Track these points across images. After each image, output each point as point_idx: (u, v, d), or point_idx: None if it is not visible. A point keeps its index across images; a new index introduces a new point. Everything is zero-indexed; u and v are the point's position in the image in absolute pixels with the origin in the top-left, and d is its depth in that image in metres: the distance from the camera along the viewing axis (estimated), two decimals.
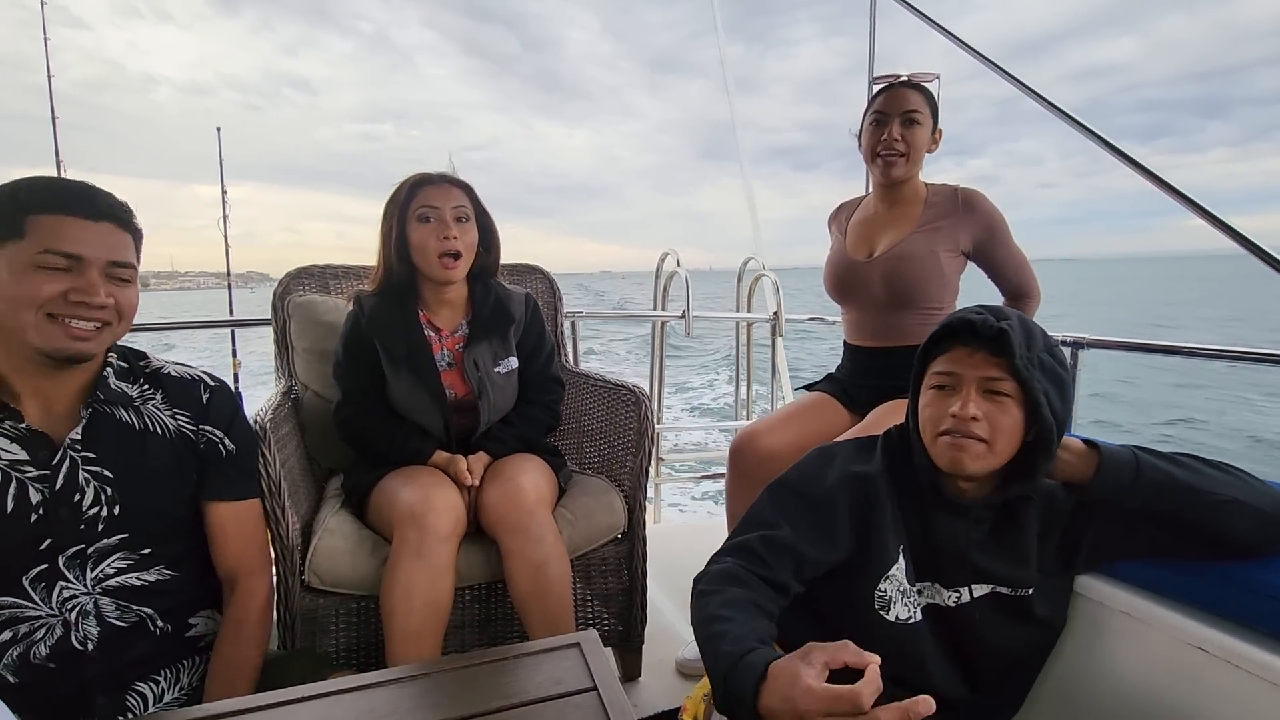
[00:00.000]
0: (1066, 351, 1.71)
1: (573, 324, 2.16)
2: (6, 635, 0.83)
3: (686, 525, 2.96)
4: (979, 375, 0.86)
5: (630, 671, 1.53)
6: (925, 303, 1.48)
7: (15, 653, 0.84)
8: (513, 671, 0.73)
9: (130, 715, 0.88)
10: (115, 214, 0.87)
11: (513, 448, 1.44)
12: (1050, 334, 0.93)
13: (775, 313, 2.58)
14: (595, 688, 0.68)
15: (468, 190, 1.41)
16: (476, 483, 1.34)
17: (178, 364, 1.02)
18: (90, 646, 0.87)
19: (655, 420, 1.52)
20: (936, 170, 1.62)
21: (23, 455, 0.84)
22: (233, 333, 2.67)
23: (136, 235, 0.90)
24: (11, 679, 0.84)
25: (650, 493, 1.78)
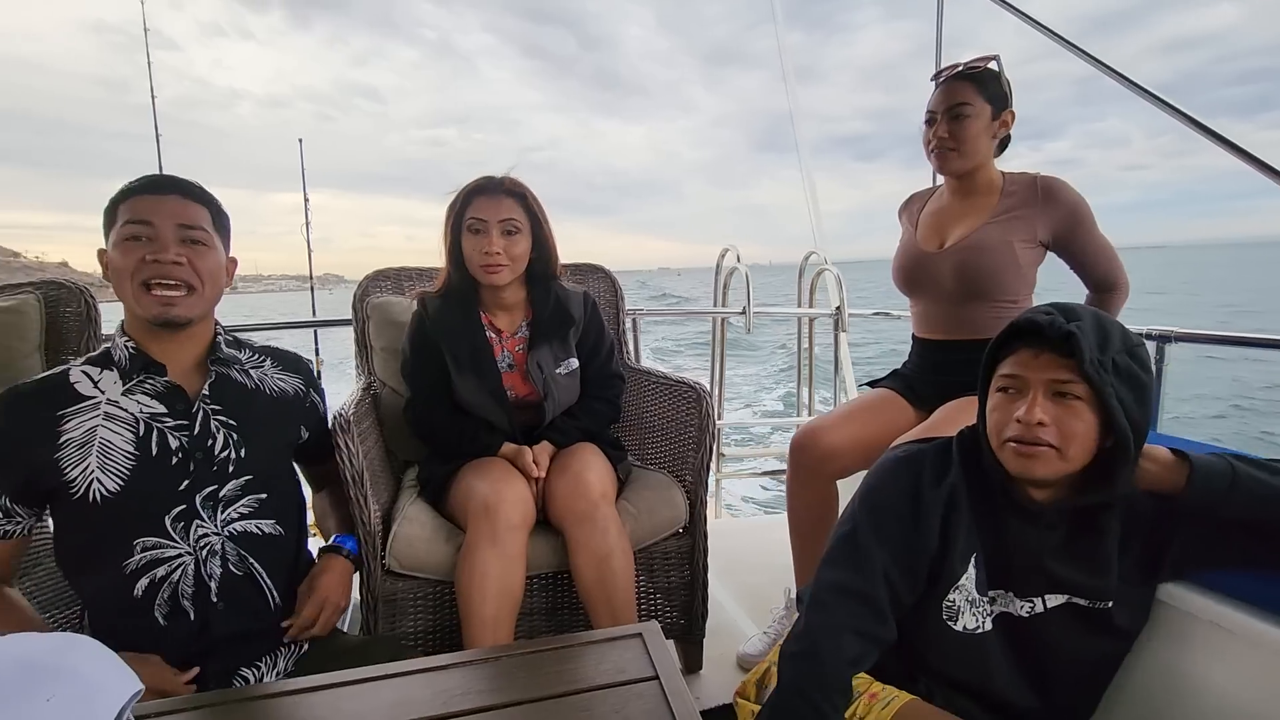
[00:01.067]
0: (1151, 346, 1.63)
1: (634, 321, 2.19)
2: (147, 581, 0.94)
3: (747, 522, 2.95)
4: (1046, 378, 0.83)
5: (691, 664, 1.56)
6: (999, 295, 1.43)
7: (165, 594, 0.95)
8: (577, 659, 0.76)
9: (235, 684, 0.97)
10: (181, 187, 0.99)
11: (575, 438, 1.49)
12: (1133, 330, 0.87)
13: (838, 307, 2.54)
14: (657, 677, 0.71)
15: (520, 199, 1.43)
16: (543, 474, 1.39)
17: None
18: (214, 588, 0.97)
19: (716, 417, 1.53)
20: (1011, 155, 1.56)
21: (162, 409, 0.97)
22: (315, 332, 2.83)
23: (212, 207, 1.01)
24: (162, 621, 0.95)
25: (710, 488, 1.79)
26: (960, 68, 1.45)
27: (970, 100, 1.41)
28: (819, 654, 0.82)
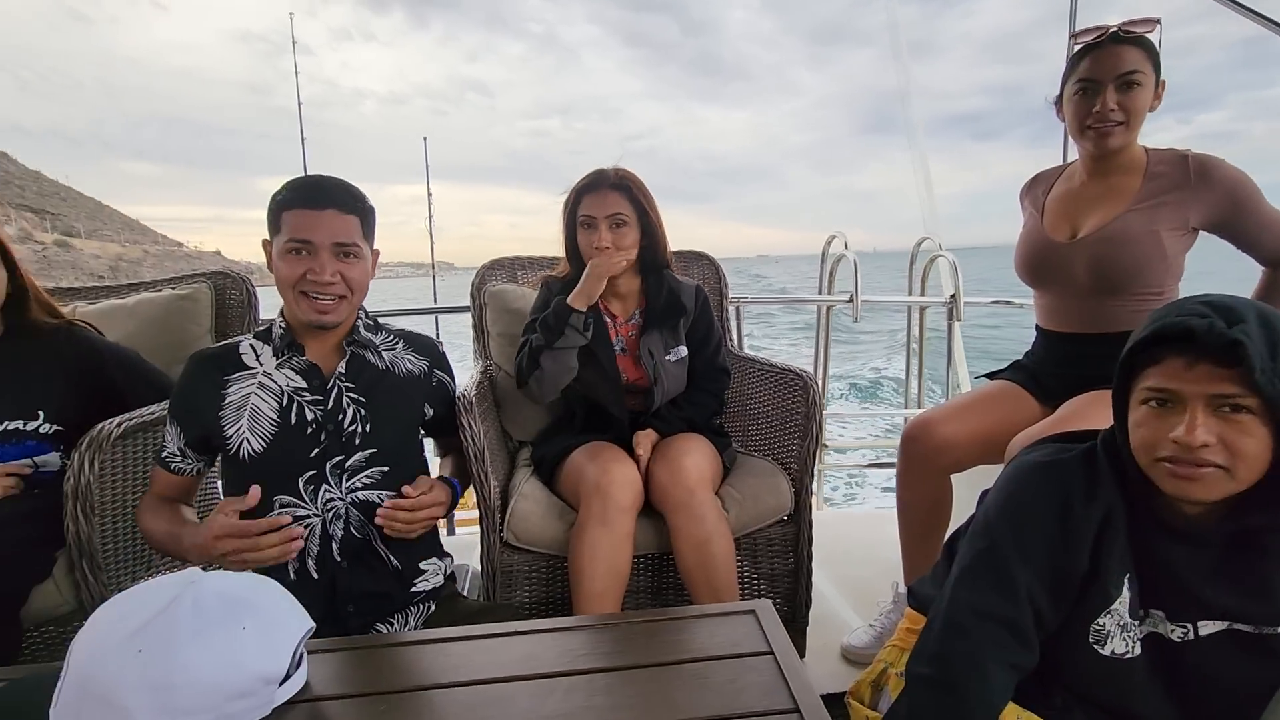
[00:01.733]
0: None
1: (737, 309, 2.19)
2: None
3: (850, 513, 2.89)
4: (1206, 392, 0.71)
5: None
6: (1141, 288, 1.30)
7: (312, 552, 1.06)
8: (691, 630, 0.79)
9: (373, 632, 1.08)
10: (337, 200, 1.06)
11: (679, 428, 1.52)
12: None
13: (952, 296, 2.42)
14: (772, 652, 0.73)
15: (626, 191, 1.48)
16: (645, 459, 1.43)
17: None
18: (336, 549, 1.07)
19: (822, 405, 1.51)
20: (1155, 129, 1.41)
21: (302, 384, 1.09)
22: (436, 318, 3.02)
23: (364, 215, 1.09)
24: (292, 575, 1.06)
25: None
26: (1116, 29, 1.29)
27: (1141, 68, 1.26)
28: (960, 688, 0.76)
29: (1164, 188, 1.29)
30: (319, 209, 1.04)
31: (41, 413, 1.32)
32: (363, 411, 1.10)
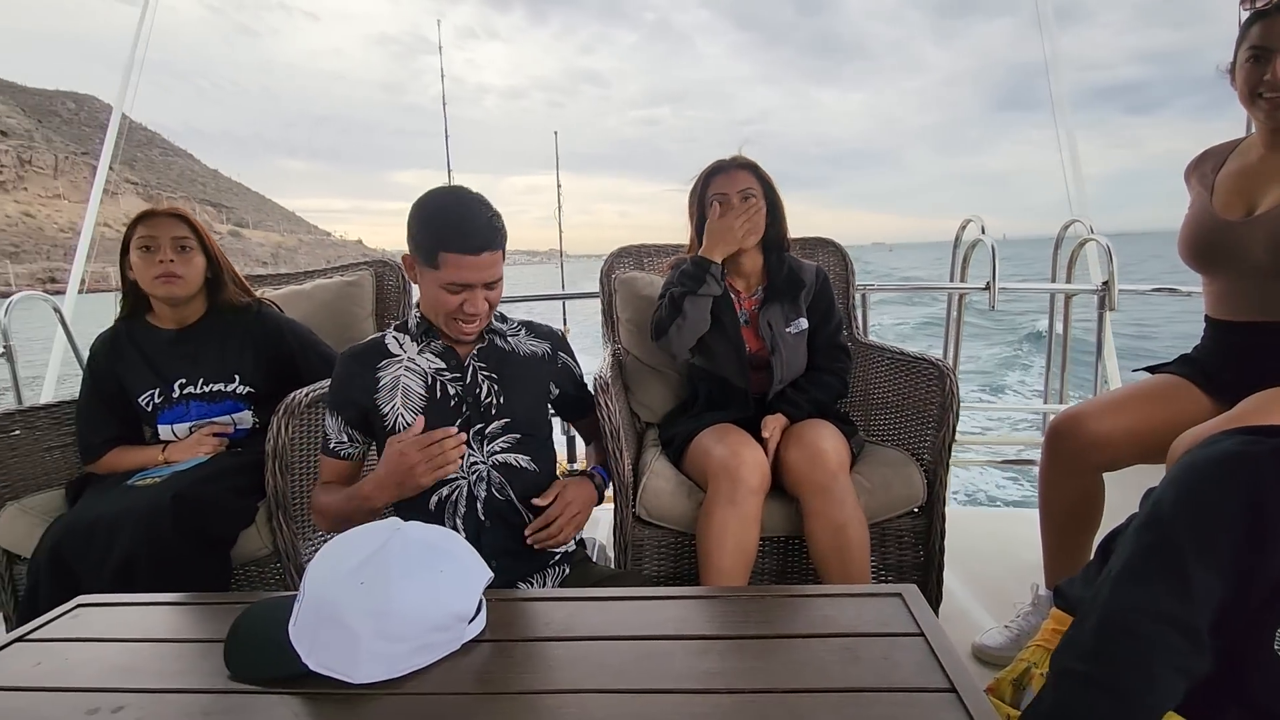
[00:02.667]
0: None
1: (863, 297, 2.14)
2: (438, 495, 1.17)
3: (982, 511, 2.76)
4: None
5: None
6: None
7: (448, 511, 1.17)
8: (838, 607, 0.81)
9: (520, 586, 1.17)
10: (490, 242, 1.12)
11: (807, 411, 1.54)
12: None
13: (1105, 283, 2.24)
14: (922, 633, 0.73)
15: (754, 171, 1.59)
16: (774, 440, 1.46)
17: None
18: (480, 508, 1.17)
19: (959, 396, 1.46)
20: None
21: (442, 365, 1.21)
22: (563, 304, 3.16)
23: (503, 244, 1.17)
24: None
25: None
26: None
27: None
28: (1123, 690, 0.73)
29: None
30: (477, 254, 1.10)
31: (237, 376, 1.56)
32: (496, 386, 1.21)
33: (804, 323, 1.62)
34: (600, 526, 2.18)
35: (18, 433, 1.58)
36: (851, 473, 1.46)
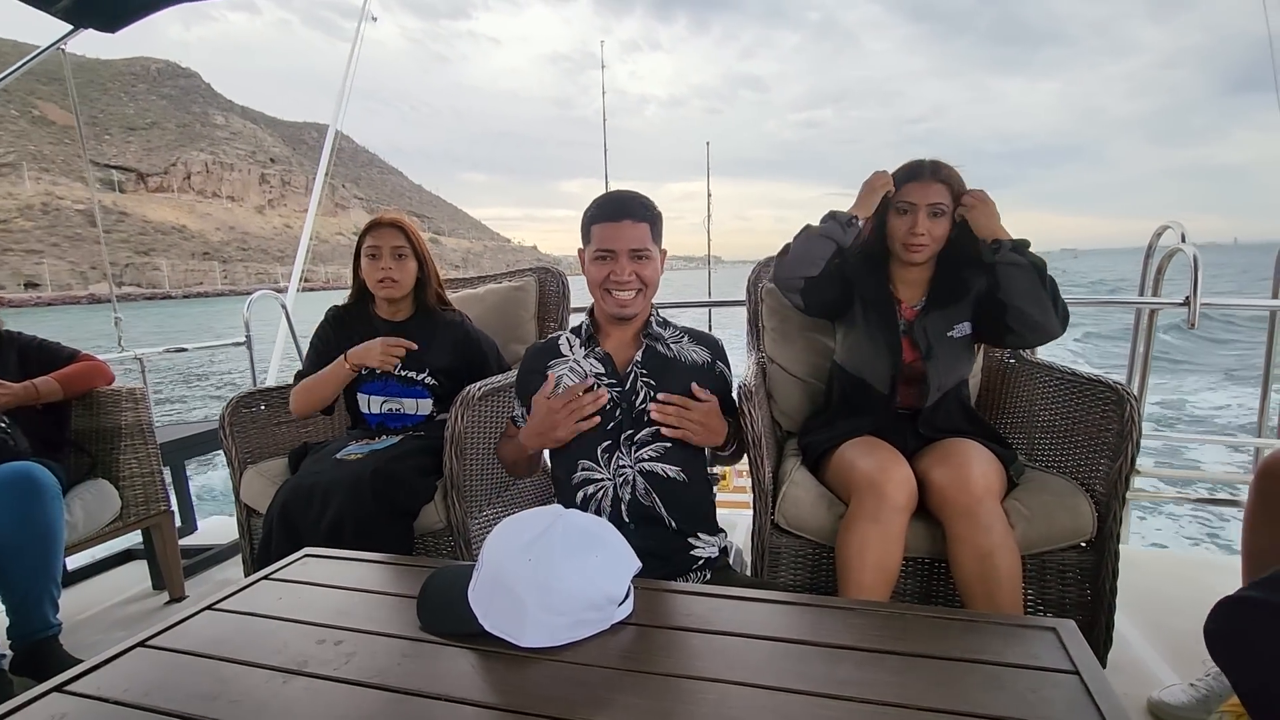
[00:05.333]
0: None
1: None
2: (583, 492, 1.26)
3: (1164, 554, 2.45)
4: None
5: None
6: None
7: (592, 508, 1.25)
8: (983, 633, 0.79)
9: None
10: (632, 212, 1.25)
11: (1040, 269, 1.42)
12: None
13: None
14: (1078, 672, 0.70)
15: (948, 185, 1.53)
16: None
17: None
18: (624, 510, 1.23)
19: (1140, 424, 1.33)
20: None
21: (601, 369, 1.31)
22: (709, 311, 3.22)
23: (654, 221, 1.28)
24: None
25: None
26: None
27: None
28: None
29: None
30: (618, 221, 1.25)
31: (428, 369, 1.78)
32: (652, 393, 1.27)
33: (968, 327, 1.55)
34: (738, 532, 2.21)
35: (258, 409, 1.91)
36: (1008, 499, 1.39)
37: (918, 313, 1.58)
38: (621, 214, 1.25)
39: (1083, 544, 1.37)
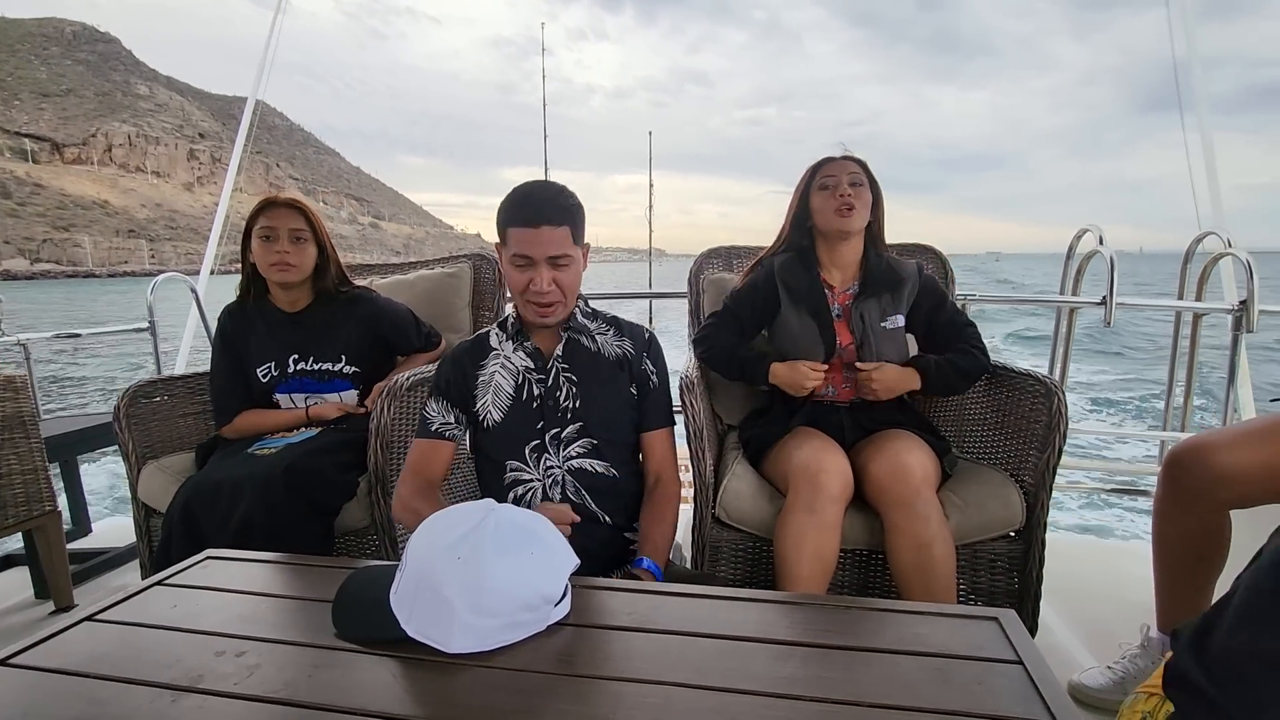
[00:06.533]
0: None
1: (963, 306, 2.05)
2: (513, 493, 1.22)
3: (1084, 542, 2.58)
4: None
5: None
6: None
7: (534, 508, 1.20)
8: (928, 625, 0.78)
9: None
10: (550, 217, 1.14)
11: (946, 374, 1.51)
12: None
13: (1242, 303, 2.04)
14: (1021, 661, 0.70)
15: (860, 162, 1.61)
16: (871, 379, 1.51)
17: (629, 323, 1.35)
18: None
19: (1067, 416, 1.37)
20: None
21: (531, 364, 1.25)
22: (650, 303, 3.19)
23: (574, 221, 1.17)
24: None
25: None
26: None
27: None
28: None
29: None
30: (535, 227, 1.13)
31: (344, 357, 1.67)
32: (574, 390, 1.22)
33: (900, 319, 1.59)
34: (679, 526, 2.18)
35: (160, 399, 1.75)
36: (942, 490, 1.41)
37: (853, 298, 1.60)
38: (539, 219, 1.13)
39: (1012, 533, 1.40)
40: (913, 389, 1.52)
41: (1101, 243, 2.12)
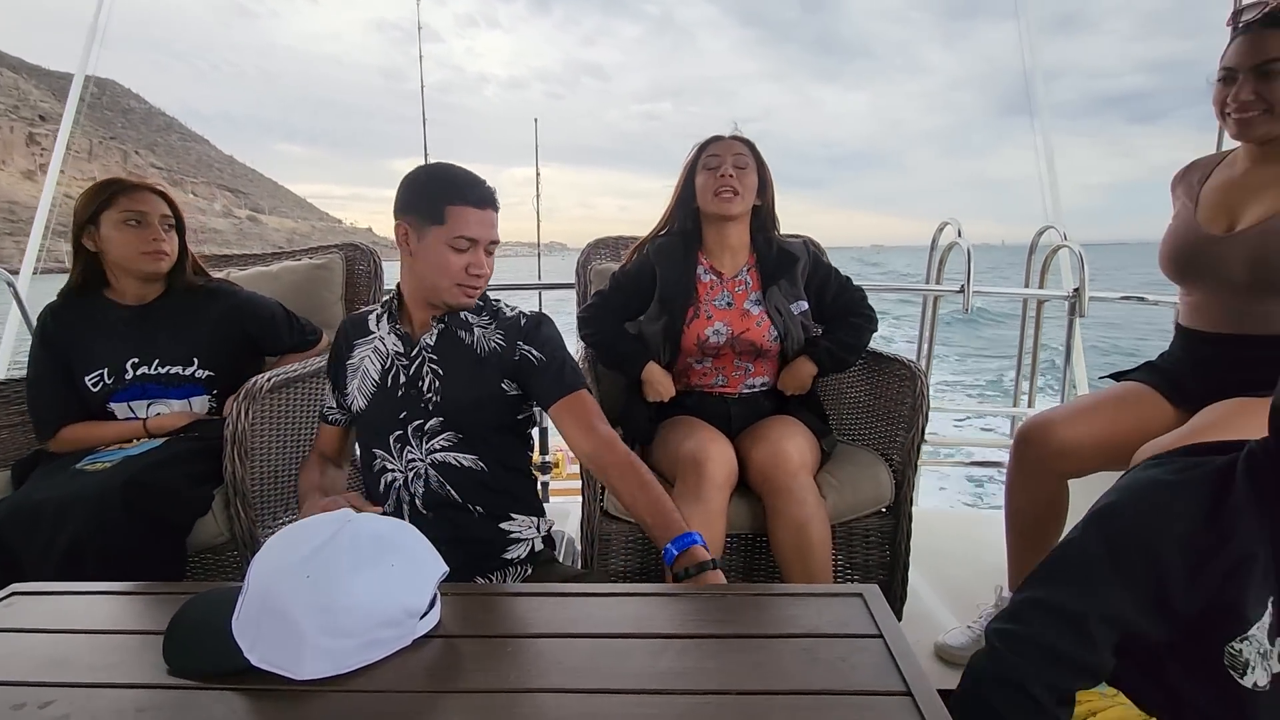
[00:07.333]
0: None
1: None
2: (382, 484, 1.17)
3: (948, 513, 2.79)
4: None
5: None
6: None
7: (392, 497, 1.16)
8: (799, 606, 0.80)
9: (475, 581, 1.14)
10: (492, 200, 1.14)
11: (837, 357, 1.54)
12: None
13: (1075, 290, 2.27)
14: (882, 636, 0.73)
15: (748, 143, 1.58)
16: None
17: (512, 308, 1.25)
18: (419, 503, 1.14)
19: (929, 397, 1.47)
20: None
21: (401, 349, 1.18)
22: (540, 294, 3.12)
23: (496, 211, 1.16)
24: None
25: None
26: (1271, 6, 1.18)
27: None
28: (1000, 658, 0.75)
29: None
30: (484, 209, 1.11)
31: (196, 359, 1.51)
32: (438, 383, 1.15)
33: (805, 304, 1.58)
34: (571, 521, 2.16)
35: None
36: (821, 472, 1.47)
37: (743, 284, 1.58)
38: (490, 202, 1.12)
39: (883, 509, 1.48)
40: (812, 374, 1.55)
41: (960, 235, 2.29)
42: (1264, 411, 0.75)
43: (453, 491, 1.15)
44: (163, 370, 1.48)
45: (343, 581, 0.68)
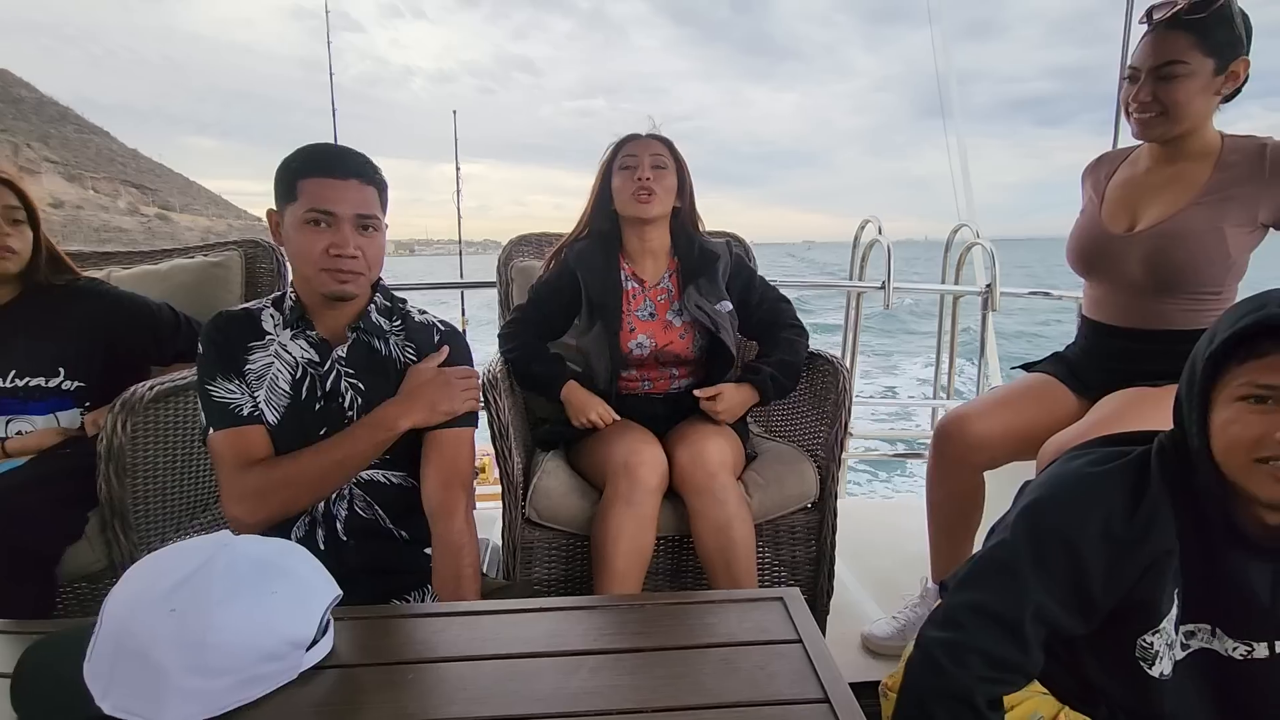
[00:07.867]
0: None
1: None
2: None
3: (874, 504, 2.86)
4: None
5: None
6: (1198, 288, 1.24)
7: (305, 520, 1.06)
8: (718, 614, 0.78)
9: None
10: (360, 171, 1.02)
11: (781, 384, 1.47)
12: None
13: (988, 285, 2.36)
14: (800, 640, 0.71)
15: (667, 144, 1.51)
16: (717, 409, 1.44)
17: (423, 312, 1.19)
18: (340, 527, 1.06)
19: (852, 393, 1.48)
20: (1237, 117, 1.31)
21: (315, 356, 1.07)
22: (462, 293, 3.02)
23: (380, 188, 1.06)
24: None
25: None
26: (1179, 5, 1.19)
27: (1185, 57, 1.18)
28: (944, 671, 0.74)
29: (1234, 180, 1.22)
30: (342, 179, 1.00)
31: (61, 370, 1.34)
32: (359, 398, 1.07)
33: (728, 305, 1.53)
34: (495, 527, 2.09)
35: None
36: (746, 470, 1.46)
37: (666, 292, 1.54)
38: (347, 171, 1.00)
39: (809, 505, 1.48)
40: (753, 404, 1.47)
41: (880, 233, 2.34)
42: (1163, 401, 0.77)
43: (380, 512, 1.07)
44: (20, 383, 1.31)
45: (214, 614, 0.61)
